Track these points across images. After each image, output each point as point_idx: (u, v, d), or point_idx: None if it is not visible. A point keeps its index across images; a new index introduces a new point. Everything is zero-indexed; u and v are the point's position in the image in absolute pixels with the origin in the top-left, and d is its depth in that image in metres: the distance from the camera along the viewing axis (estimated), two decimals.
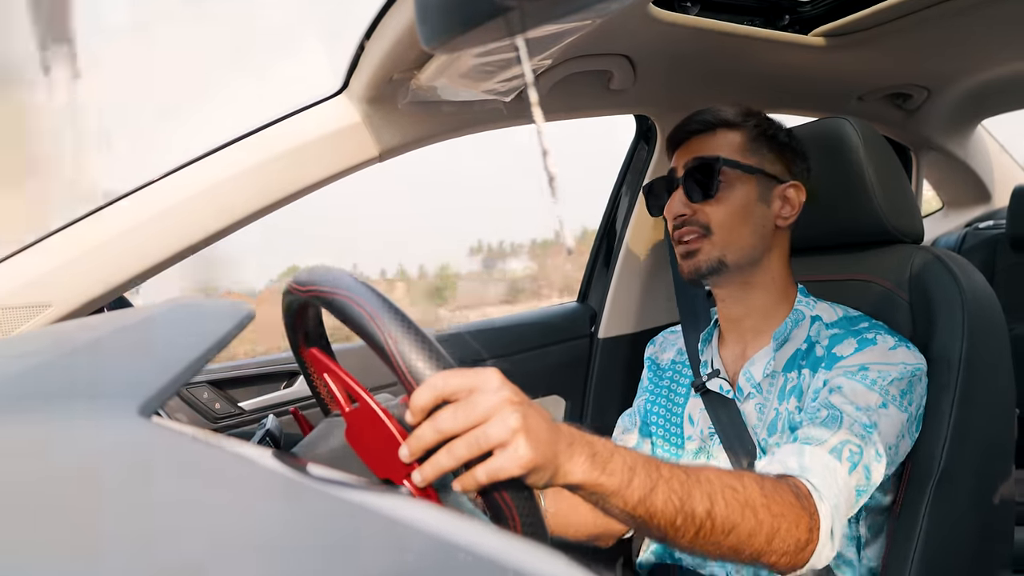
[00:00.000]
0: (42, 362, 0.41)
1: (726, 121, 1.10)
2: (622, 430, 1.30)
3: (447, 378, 0.63)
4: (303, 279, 0.72)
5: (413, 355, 0.63)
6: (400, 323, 0.64)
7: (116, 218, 1.12)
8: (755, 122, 1.11)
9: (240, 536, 0.25)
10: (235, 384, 1.42)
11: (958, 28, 1.39)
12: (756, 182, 1.09)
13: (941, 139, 2.19)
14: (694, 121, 1.12)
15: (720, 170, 1.07)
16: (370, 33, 1.11)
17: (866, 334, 1.03)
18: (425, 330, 0.65)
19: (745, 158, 1.09)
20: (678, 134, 1.14)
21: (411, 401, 0.63)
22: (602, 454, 0.71)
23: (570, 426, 0.72)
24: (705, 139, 1.11)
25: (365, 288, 0.66)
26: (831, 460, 0.90)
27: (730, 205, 1.07)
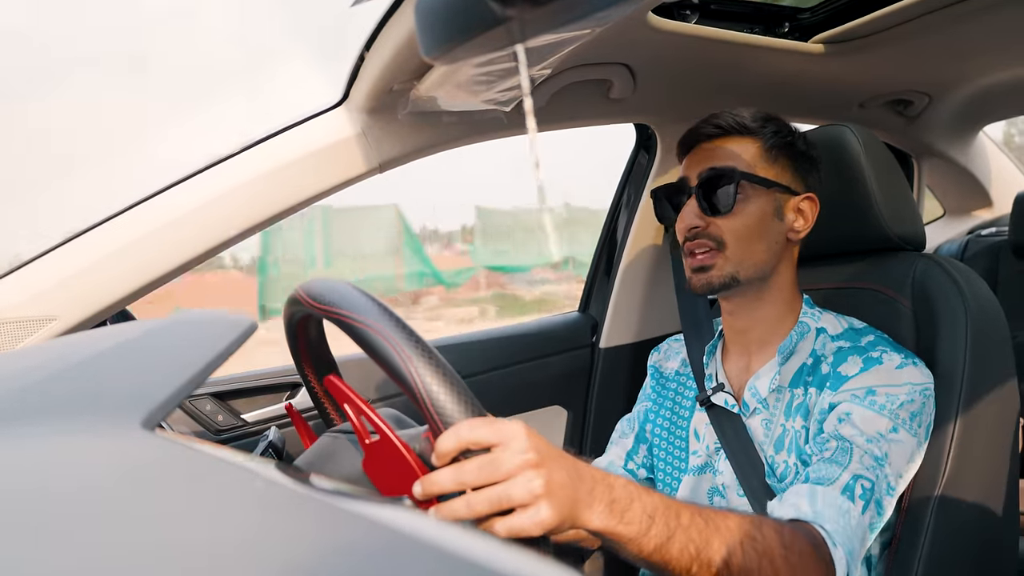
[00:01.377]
0: (46, 375, 0.41)
1: (744, 127, 1.06)
2: (619, 434, 1.29)
3: (475, 429, 0.64)
4: (317, 294, 0.71)
5: (443, 397, 0.63)
6: (430, 362, 0.63)
7: (120, 231, 1.12)
8: (774, 129, 1.07)
9: (244, 549, 0.25)
10: (237, 396, 1.42)
11: (959, 34, 1.39)
12: (772, 195, 1.05)
13: (942, 146, 2.19)
14: (709, 125, 1.08)
15: (738, 183, 1.03)
16: (370, 44, 1.11)
17: (871, 352, 1.00)
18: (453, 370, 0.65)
19: (763, 170, 1.05)
20: (691, 137, 1.10)
21: (436, 446, 0.64)
22: (621, 501, 0.71)
23: (592, 468, 0.72)
24: (720, 145, 1.07)
25: (392, 318, 0.65)
26: (844, 502, 0.88)
27: (746, 219, 1.04)
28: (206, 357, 0.42)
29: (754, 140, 1.07)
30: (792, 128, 1.11)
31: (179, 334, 0.47)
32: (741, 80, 1.46)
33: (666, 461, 1.21)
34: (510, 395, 1.66)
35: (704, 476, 1.13)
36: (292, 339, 0.89)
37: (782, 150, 1.07)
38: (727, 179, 1.03)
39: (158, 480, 0.31)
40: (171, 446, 0.35)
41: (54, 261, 1.10)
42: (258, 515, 0.29)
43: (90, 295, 1.10)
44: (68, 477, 0.30)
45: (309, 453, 0.87)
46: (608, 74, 1.33)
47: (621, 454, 1.25)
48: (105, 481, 0.30)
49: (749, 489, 1.04)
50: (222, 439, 1.39)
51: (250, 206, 1.18)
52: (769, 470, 1.04)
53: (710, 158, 1.07)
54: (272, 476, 0.35)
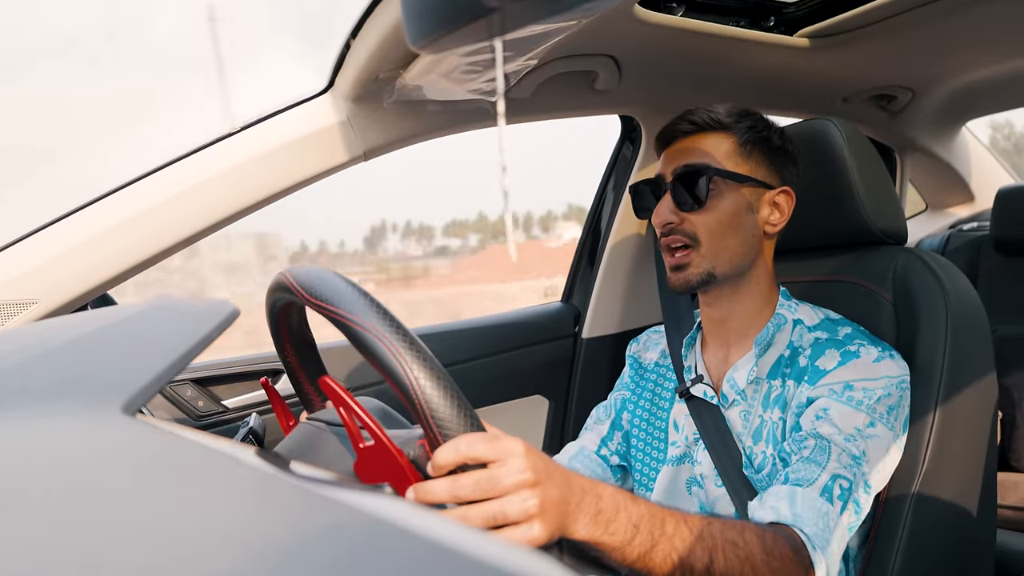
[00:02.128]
0: (26, 359, 0.41)
1: (718, 122, 1.07)
2: (595, 420, 1.29)
3: (475, 445, 0.64)
4: (310, 287, 0.69)
5: (443, 410, 0.63)
6: (431, 372, 0.63)
7: (102, 215, 1.11)
8: (748, 124, 1.08)
9: (225, 534, 0.25)
10: (218, 382, 1.42)
11: (943, 30, 1.39)
12: (746, 190, 1.06)
13: (925, 140, 2.20)
14: (684, 121, 1.09)
15: (710, 179, 1.04)
16: (356, 32, 1.11)
17: (848, 346, 1.01)
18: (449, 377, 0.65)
19: (736, 165, 1.06)
20: (667, 134, 1.11)
21: (435, 457, 0.64)
22: (607, 512, 0.73)
23: (582, 479, 0.73)
24: (695, 141, 1.08)
25: (392, 322, 0.64)
26: (823, 504, 0.89)
27: (719, 215, 1.05)
28: (188, 343, 0.42)
29: (728, 135, 1.07)
30: (768, 123, 1.11)
31: (160, 319, 0.47)
32: (726, 73, 1.47)
33: (644, 452, 1.21)
34: (492, 384, 1.66)
35: (683, 467, 1.14)
36: (274, 325, 0.88)
37: (756, 145, 1.08)
38: (700, 175, 1.04)
39: (138, 465, 0.31)
40: (151, 431, 0.35)
41: (36, 244, 1.09)
42: (239, 501, 0.29)
43: (71, 279, 1.09)
44: (47, 461, 0.30)
45: (289, 441, 0.87)
46: (594, 65, 1.33)
47: (595, 439, 1.26)
48: (84, 466, 0.30)
49: (727, 479, 1.05)
50: (202, 425, 1.38)
51: (234, 192, 1.17)
52: (747, 461, 1.05)
53: (685, 154, 1.08)
54: (253, 463, 0.36)
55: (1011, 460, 1.75)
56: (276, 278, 0.77)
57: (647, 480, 1.20)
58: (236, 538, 0.25)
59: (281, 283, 0.75)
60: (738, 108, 1.09)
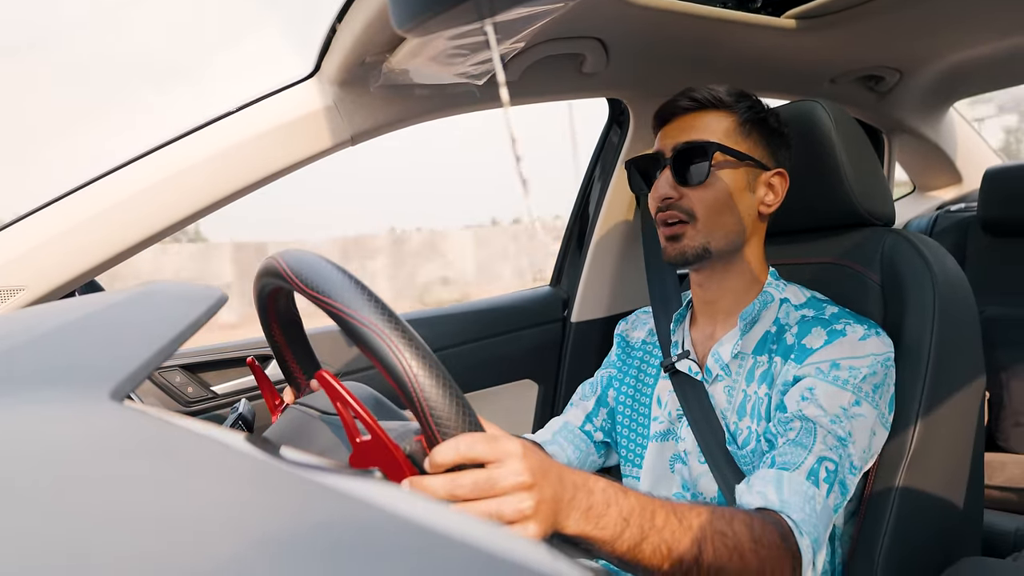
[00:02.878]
0: (13, 345, 0.41)
1: (720, 100, 1.08)
2: (580, 396, 1.31)
3: (475, 445, 0.65)
4: (304, 276, 0.68)
5: (442, 409, 0.63)
6: (430, 369, 0.63)
7: (88, 201, 1.11)
8: (748, 104, 1.09)
9: (217, 521, 0.25)
10: (207, 368, 1.41)
11: (930, 10, 1.39)
12: (744, 169, 1.07)
13: (913, 122, 2.21)
14: (685, 98, 1.09)
15: (712, 155, 1.05)
16: (342, 16, 1.10)
17: (835, 324, 1.02)
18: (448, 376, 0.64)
19: (736, 144, 1.07)
20: (666, 110, 1.11)
21: (433, 455, 0.65)
22: (597, 507, 0.73)
23: (574, 474, 0.74)
24: (695, 119, 1.08)
25: (391, 317, 0.63)
26: (809, 487, 0.90)
27: (718, 192, 1.06)
28: (176, 328, 0.42)
29: (728, 114, 1.08)
30: (765, 105, 1.12)
31: (148, 305, 0.47)
32: (714, 55, 1.46)
33: (630, 428, 1.23)
34: (481, 368, 1.66)
35: (667, 443, 1.15)
36: (262, 307, 0.88)
37: (755, 125, 1.09)
38: (701, 151, 1.05)
39: (128, 452, 0.31)
40: (140, 417, 0.35)
41: (22, 231, 1.08)
42: (231, 488, 0.29)
43: (59, 265, 1.09)
44: (35, 448, 0.30)
45: (279, 427, 0.87)
46: (581, 48, 1.32)
47: (580, 415, 1.27)
48: (74, 452, 0.30)
49: (710, 456, 1.06)
50: (192, 411, 1.38)
51: (220, 178, 1.16)
52: (730, 436, 1.06)
53: (685, 130, 1.08)
54: (245, 449, 0.36)
55: (998, 440, 1.76)
56: (267, 262, 0.76)
57: (634, 456, 1.21)
58: (230, 525, 0.25)
59: (272, 268, 0.74)
60: (736, 89, 1.10)
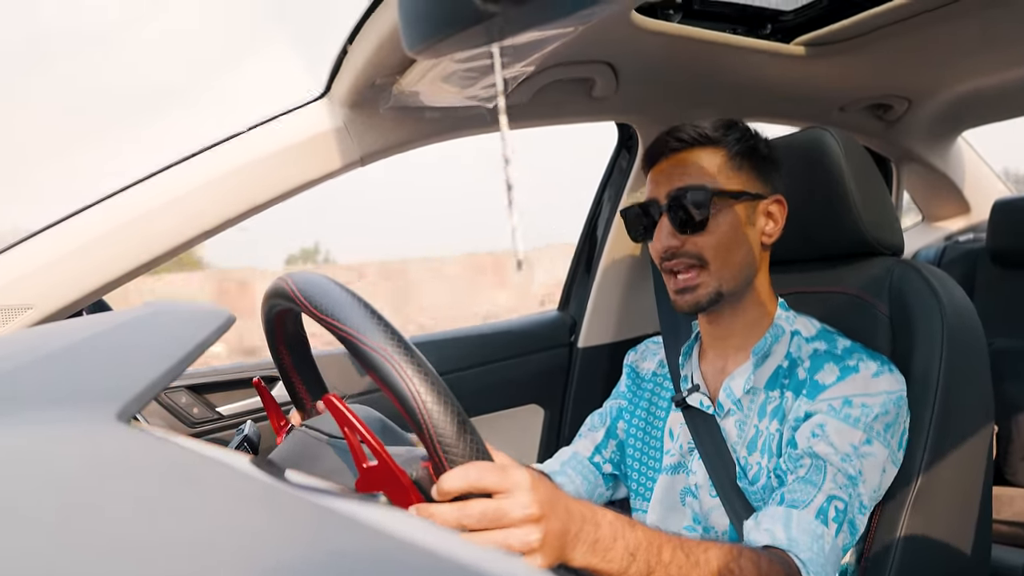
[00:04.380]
0: (20, 365, 0.40)
1: (706, 137, 1.05)
2: (589, 427, 1.29)
3: (484, 474, 0.65)
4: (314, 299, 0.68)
5: (451, 438, 0.63)
6: (439, 398, 0.63)
7: (97, 221, 1.11)
8: (736, 136, 1.06)
9: (224, 545, 0.25)
10: (213, 389, 1.41)
11: (940, 39, 1.40)
12: (743, 204, 1.05)
13: (921, 151, 2.20)
14: (671, 138, 1.07)
15: (710, 199, 1.02)
16: (353, 38, 1.11)
17: (848, 360, 1.00)
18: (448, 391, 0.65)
19: (728, 180, 1.04)
20: (654, 152, 1.09)
21: (441, 483, 0.64)
22: (604, 540, 0.74)
23: (582, 506, 0.74)
24: (684, 158, 1.06)
25: (401, 344, 0.63)
26: (818, 526, 0.89)
27: (721, 234, 1.04)
28: (183, 349, 0.42)
29: (718, 150, 1.06)
30: (754, 132, 1.10)
31: (156, 325, 0.47)
32: (723, 81, 1.47)
33: (640, 461, 1.21)
34: (487, 393, 1.65)
35: (678, 476, 1.14)
36: (270, 331, 0.88)
37: (746, 157, 1.07)
38: (697, 195, 1.03)
39: (133, 473, 0.31)
40: (147, 439, 0.35)
41: (30, 250, 1.09)
42: (237, 511, 0.29)
43: (66, 284, 1.09)
44: (42, 469, 0.30)
45: (284, 449, 0.86)
46: (591, 72, 1.33)
47: (589, 447, 1.26)
48: (79, 473, 0.30)
49: (721, 490, 1.05)
50: (197, 432, 1.37)
51: (230, 198, 1.17)
52: (741, 471, 1.05)
53: (677, 174, 1.06)
54: (251, 472, 0.35)
55: (1006, 474, 1.74)
56: (276, 283, 0.76)
57: (643, 490, 1.19)
58: (240, 550, 0.25)
59: (281, 290, 0.74)
60: (723, 120, 1.08)
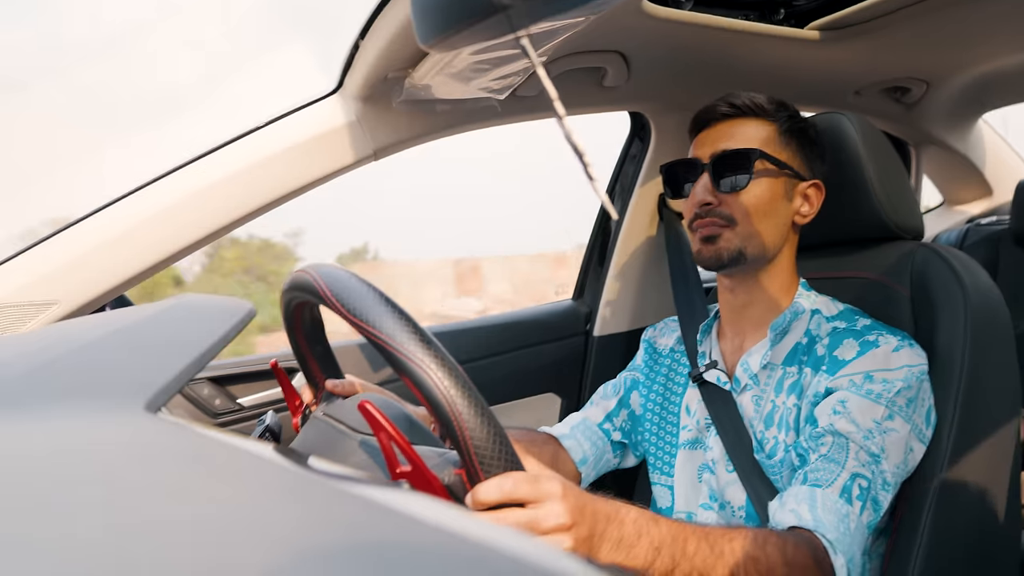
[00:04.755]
0: (49, 359, 0.41)
1: (761, 108, 1.08)
2: (602, 395, 1.31)
3: (519, 486, 0.67)
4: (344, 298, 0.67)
5: (485, 447, 0.64)
6: (475, 407, 0.63)
7: (119, 218, 1.13)
8: (788, 114, 1.09)
9: (258, 531, 0.26)
10: (234, 380, 1.43)
11: (958, 19, 1.37)
12: (783, 178, 1.07)
13: (941, 133, 2.18)
14: (725, 103, 1.09)
15: (754, 162, 1.05)
16: (365, 32, 1.11)
17: (867, 336, 1.01)
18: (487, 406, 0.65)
19: (777, 152, 1.07)
20: (704, 116, 1.11)
21: (477, 493, 0.66)
22: (628, 538, 0.75)
23: (607, 505, 0.75)
24: (734, 125, 1.08)
25: (435, 351, 0.63)
26: (843, 505, 0.89)
27: (758, 199, 1.06)
28: (207, 341, 0.43)
29: (769, 123, 1.08)
30: (804, 117, 1.13)
31: (180, 319, 0.48)
32: (736, 67, 1.46)
33: (658, 436, 1.23)
34: (504, 382, 1.66)
35: (695, 452, 1.15)
36: (289, 322, 0.89)
37: (794, 135, 1.09)
38: (743, 157, 1.05)
39: (165, 461, 0.32)
40: (175, 429, 0.36)
41: (56, 246, 1.11)
42: (269, 499, 0.29)
43: (91, 280, 1.11)
44: (76, 460, 0.31)
45: (308, 439, 0.87)
46: (602, 62, 1.32)
47: (600, 414, 1.28)
48: (112, 462, 0.31)
49: (738, 465, 1.06)
50: (219, 423, 1.39)
51: (247, 193, 1.18)
52: (758, 445, 1.06)
53: (725, 137, 1.08)
54: (278, 460, 0.36)
55: None
56: (300, 277, 0.75)
57: (662, 464, 1.21)
58: (262, 533, 0.26)
59: (308, 285, 0.72)
60: (776, 98, 1.10)
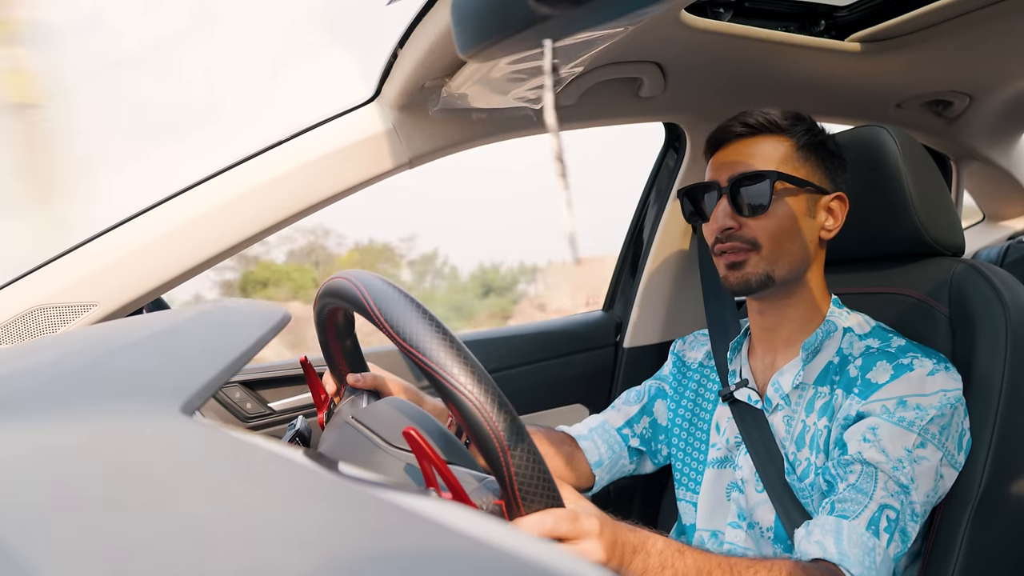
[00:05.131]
0: (89, 360, 0.42)
1: (776, 125, 1.05)
2: (624, 401, 1.31)
3: (560, 523, 0.68)
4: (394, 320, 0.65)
5: (528, 483, 0.65)
6: (522, 441, 0.64)
7: (157, 222, 1.15)
8: (804, 127, 1.06)
9: (284, 533, 0.26)
10: (265, 385, 1.44)
11: (1003, 32, 1.35)
12: (805, 195, 1.05)
13: (983, 148, 2.14)
14: (738, 123, 1.06)
15: (773, 183, 1.02)
16: (403, 42, 1.12)
17: (902, 358, 0.98)
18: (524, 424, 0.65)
19: (795, 170, 1.04)
20: (719, 136, 1.09)
21: (519, 527, 0.66)
22: (652, 570, 0.77)
23: (635, 535, 0.77)
24: (750, 145, 1.06)
25: (487, 387, 0.63)
26: (870, 538, 0.88)
27: (779, 220, 1.03)
28: (242, 345, 0.43)
29: (786, 139, 1.05)
30: (821, 128, 1.10)
31: (216, 322, 0.48)
32: (775, 79, 1.45)
33: (685, 452, 1.21)
34: (533, 392, 1.66)
35: (724, 471, 1.14)
36: (321, 328, 0.89)
37: (813, 149, 1.06)
38: (761, 179, 1.02)
39: (200, 463, 0.32)
40: (210, 431, 0.36)
41: (95, 249, 1.13)
42: (297, 499, 0.30)
43: (129, 283, 1.13)
44: (116, 458, 0.31)
45: (336, 444, 0.87)
46: (639, 72, 1.32)
47: (620, 419, 1.27)
48: (150, 463, 0.31)
49: (769, 485, 1.04)
50: (250, 427, 1.40)
51: (284, 199, 1.19)
52: (789, 467, 1.04)
53: (741, 157, 1.06)
54: (306, 464, 0.36)
55: None
56: (342, 285, 0.73)
57: (688, 481, 1.20)
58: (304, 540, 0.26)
59: (352, 295, 0.71)
60: (792, 112, 1.07)
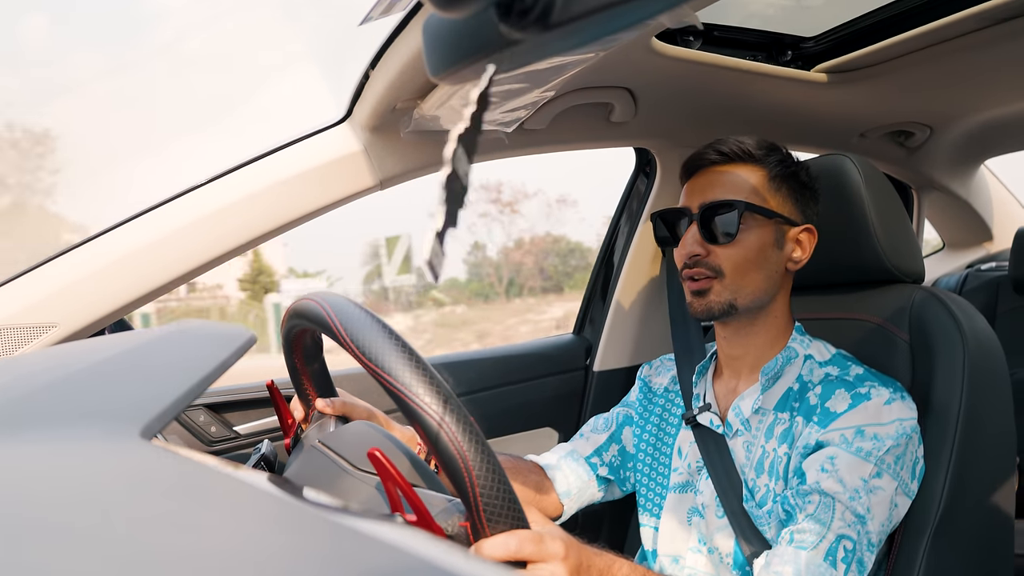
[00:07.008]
0: (45, 382, 0.41)
1: (748, 154, 1.06)
2: (592, 428, 1.30)
3: (524, 545, 0.68)
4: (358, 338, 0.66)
5: (493, 504, 0.65)
6: (487, 463, 0.64)
7: (120, 242, 1.13)
8: (778, 158, 1.07)
9: (241, 560, 0.25)
10: (231, 408, 1.41)
11: (963, 66, 1.39)
12: (774, 226, 1.05)
13: (943, 178, 2.19)
14: (712, 151, 1.07)
15: (742, 214, 1.02)
16: (375, 63, 1.12)
17: (859, 388, 0.99)
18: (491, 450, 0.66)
19: (765, 200, 1.05)
20: (693, 163, 1.10)
21: (483, 548, 0.67)
22: None
23: (601, 559, 0.79)
24: (723, 172, 1.07)
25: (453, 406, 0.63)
26: (827, 570, 0.90)
27: (746, 250, 1.04)
28: (205, 368, 0.42)
29: (758, 168, 1.06)
30: (795, 159, 1.11)
31: (178, 345, 0.47)
32: (743, 107, 1.47)
33: (650, 476, 1.21)
34: (502, 416, 1.65)
35: (686, 495, 1.14)
36: (289, 351, 0.88)
37: (785, 180, 1.07)
38: (730, 208, 1.03)
39: (157, 489, 0.31)
40: (169, 456, 0.35)
41: (55, 269, 1.11)
42: (255, 526, 0.29)
43: (89, 304, 1.10)
44: (68, 485, 0.30)
45: (304, 470, 0.86)
46: (610, 97, 1.33)
47: (589, 448, 1.27)
48: (105, 489, 0.30)
49: (729, 510, 1.05)
50: (215, 450, 1.38)
51: (251, 219, 1.18)
52: (748, 494, 1.04)
53: (713, 185, 1.06)
54: (268, 489, 0.35)
55: None
56: (309, 306, 0.73)
57: (652, 506, 1.20)
58: (252, 564, 0.25)
59: (318, 315, 0.71)
60: (766, 141, 1.08)
